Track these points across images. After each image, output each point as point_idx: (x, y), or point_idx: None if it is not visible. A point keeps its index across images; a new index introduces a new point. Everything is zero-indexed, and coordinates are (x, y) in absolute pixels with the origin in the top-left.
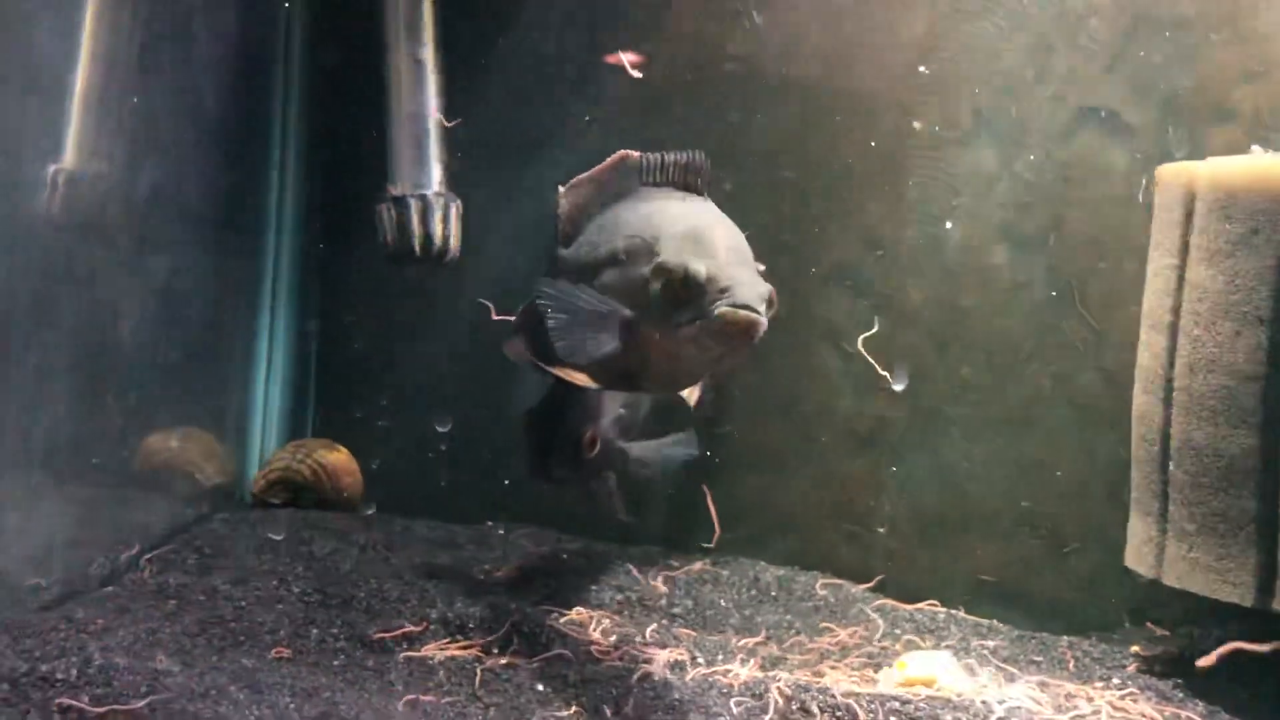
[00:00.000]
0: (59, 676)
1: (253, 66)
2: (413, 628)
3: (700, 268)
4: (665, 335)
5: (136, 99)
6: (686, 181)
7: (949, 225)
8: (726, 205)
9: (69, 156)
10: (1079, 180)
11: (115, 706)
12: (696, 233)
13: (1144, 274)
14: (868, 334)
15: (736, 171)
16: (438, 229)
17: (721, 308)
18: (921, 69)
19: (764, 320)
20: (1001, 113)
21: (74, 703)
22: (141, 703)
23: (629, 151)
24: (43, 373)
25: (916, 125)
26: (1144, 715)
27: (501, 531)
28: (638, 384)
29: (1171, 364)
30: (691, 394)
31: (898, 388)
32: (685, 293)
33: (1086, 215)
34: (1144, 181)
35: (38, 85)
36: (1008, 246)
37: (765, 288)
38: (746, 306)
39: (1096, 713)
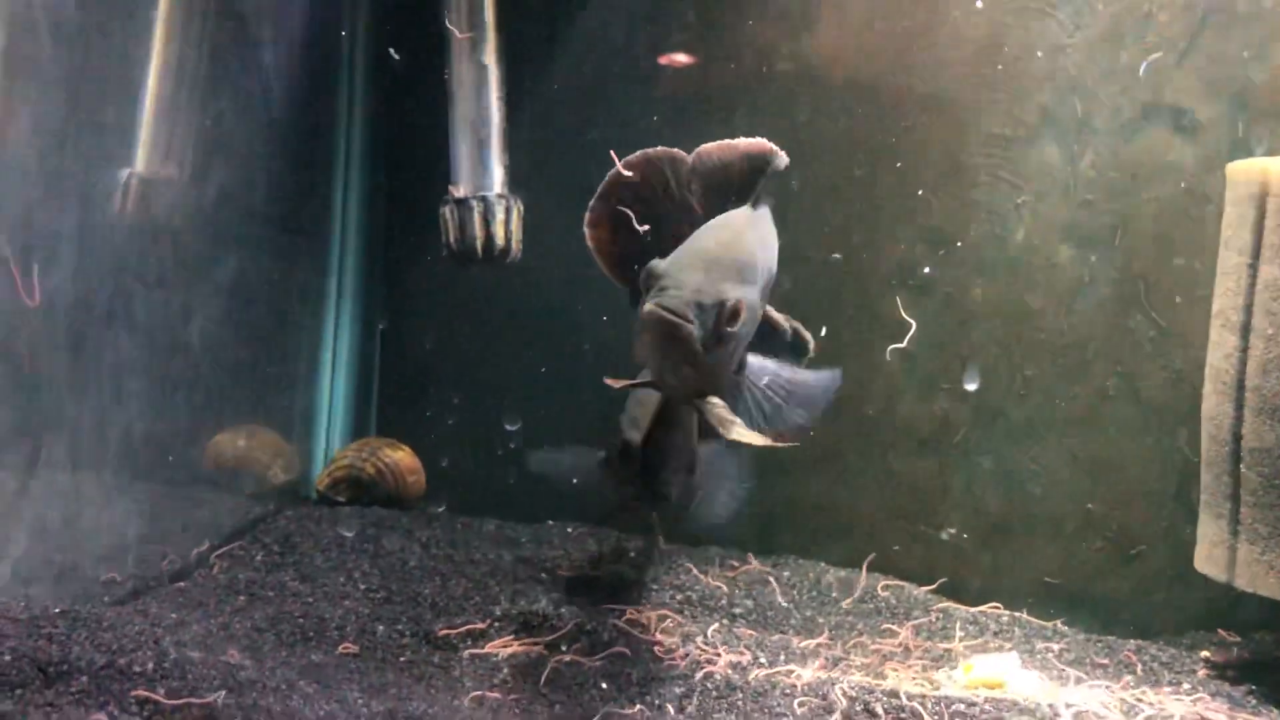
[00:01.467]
0: (135, 669)
1: (318, 72)
2: (477, 625)
3: (658, 266)
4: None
5: (205, 105)
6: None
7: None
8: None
9: (140, 162)
10: (1146, 177)
11: (190, 700)
12: (699, 236)
13: (1213, 272)
14: (899, 346)
15: (799, 172)
16: (499, 230)
17: (647, 303)
18: (986, 67)
19: (673, 320)
20: (1067, 110)
21: (150, 695)
22: (215, 696)
23: (781, 153)
24: (117, 372)
25: (982, 125)
26: None
27: (569, 529)
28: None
29: (1243, 364)
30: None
31: (970, 387)
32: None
33: (1154, 213)
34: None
35: (110, 93)
36: (1073, 245)
37: (715, 297)
38: (665, 306)
39: (1168, 718)
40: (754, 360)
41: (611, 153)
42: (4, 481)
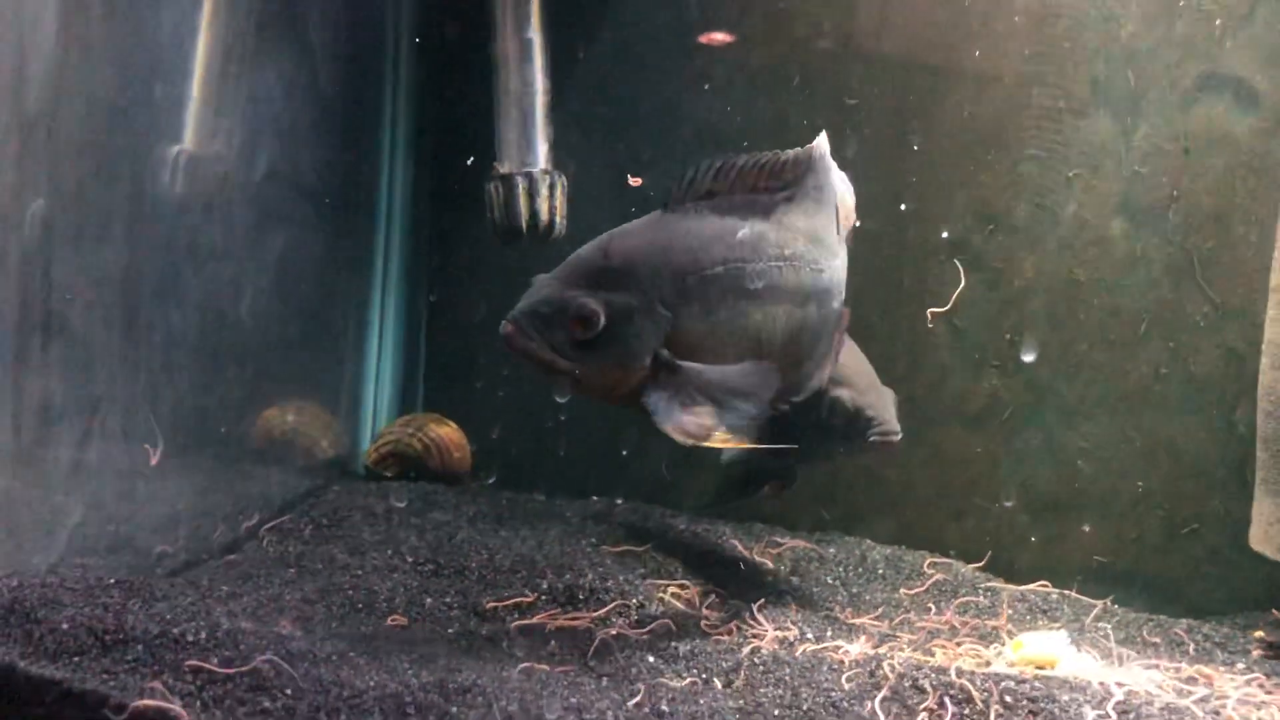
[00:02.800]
0: (189, 639)
1: (364, 48)
2: (525, 598)
3: (537, 279)
4: None
5: (254, 82)
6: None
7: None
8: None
9: (189, 138)
10: (1201, 149)
11: (242, 669)
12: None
13: (1270, 246)
14: (939, 310)
15: (847, 146)
16: (544, 206)
17: None
18: (1037, 38)
19: (504, 332)
20: (1120, 82)
21: (204, 665)
22: (268, 667)
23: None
24: (168, 347)
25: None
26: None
27: (619, 502)
28: None
29: None
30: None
31: (1027, 358)
32: None
33: (1210, 186)
34: None
35: (160, 70)
36: (1126, 219)
37: (555, 307)
38: (507, 320)
39: (1222, 698)
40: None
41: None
42: (59, 454)
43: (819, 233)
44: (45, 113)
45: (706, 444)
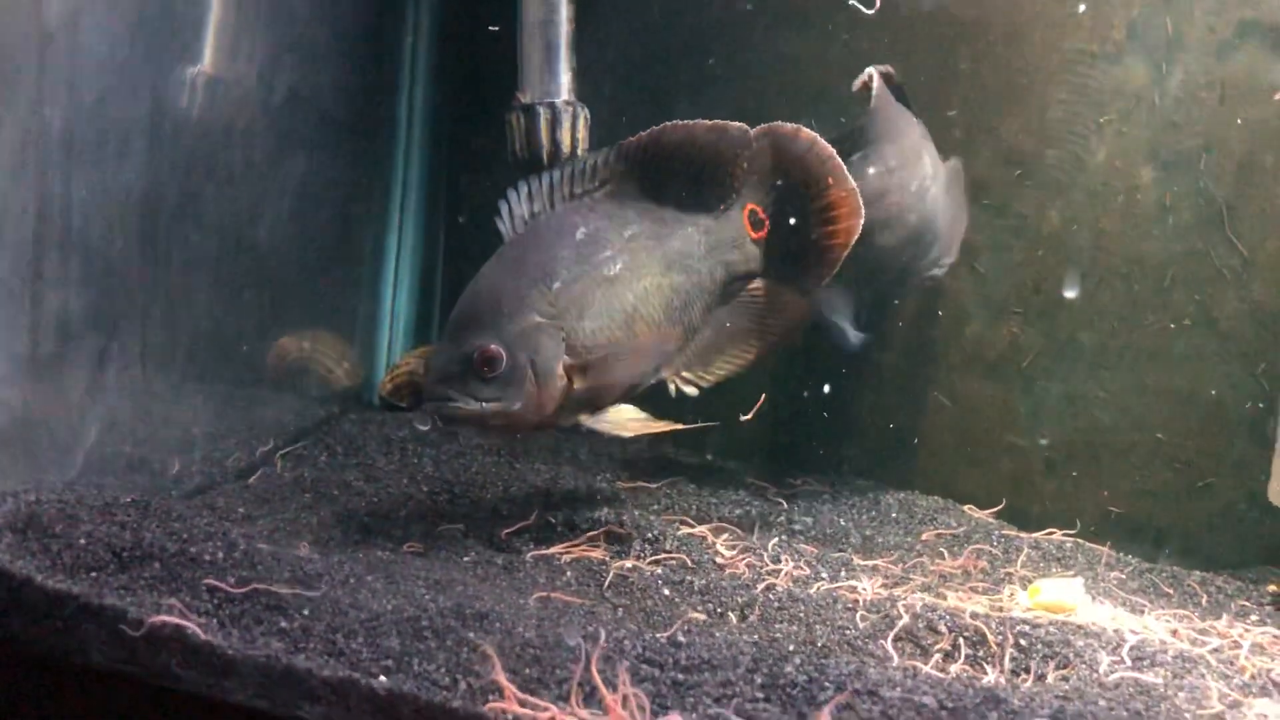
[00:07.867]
0: (206, 558)
1: None
2: (540, 524)
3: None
4: None
5: (274, 5)
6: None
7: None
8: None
9: (209, 59)
10: (1236, 98)
11: (257, 586)
12: None
13: None
14: None
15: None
16: (565, 137)
17: None
18: None
19: (428, 412)
20: (1156, 26)
21: (219, 584)
22: (284, 588)
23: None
24: (186, 269)
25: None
26: None
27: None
28: None
29: None
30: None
31: (1069, 295)
32: None
33: (1243, 136)
34: None
35: None
36: (1156, 167)
37: (458, 361)
38: (427, 398)
39: (1235, 647)
40: None
41: None
42: (76, 372)
43: (656, 210)
44: (66, 24)
45: (650, 432)
